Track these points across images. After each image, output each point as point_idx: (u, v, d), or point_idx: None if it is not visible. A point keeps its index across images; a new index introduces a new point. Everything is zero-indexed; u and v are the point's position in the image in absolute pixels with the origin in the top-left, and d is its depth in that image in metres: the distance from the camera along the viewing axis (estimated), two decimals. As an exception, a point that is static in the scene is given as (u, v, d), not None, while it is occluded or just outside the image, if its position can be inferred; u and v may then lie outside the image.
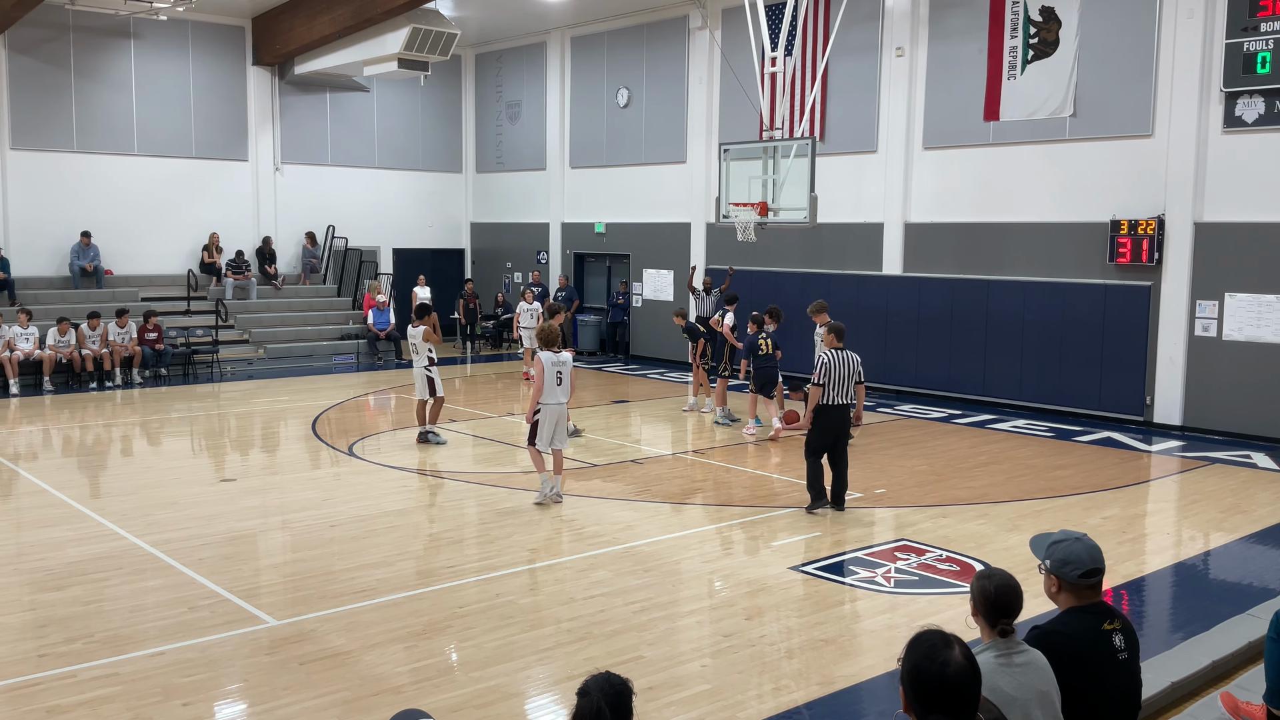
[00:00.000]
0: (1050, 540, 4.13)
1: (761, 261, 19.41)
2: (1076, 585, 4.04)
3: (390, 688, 6.11)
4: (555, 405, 10.24)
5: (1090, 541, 4.09)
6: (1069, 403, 15.66)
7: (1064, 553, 4.05)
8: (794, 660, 6.65)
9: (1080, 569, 4.02)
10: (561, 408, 10.31)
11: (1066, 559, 4.03)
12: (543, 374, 10.13)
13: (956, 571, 8.35)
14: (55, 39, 20.26)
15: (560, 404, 10.29)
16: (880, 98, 17.76)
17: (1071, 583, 4.03)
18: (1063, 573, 4.03)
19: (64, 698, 5.94)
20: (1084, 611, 4.04)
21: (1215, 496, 11.07)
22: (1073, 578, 4.02)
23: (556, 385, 10.18)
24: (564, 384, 10.24)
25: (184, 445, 13.69)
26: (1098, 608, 4.06)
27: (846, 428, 10.21)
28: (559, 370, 10.21)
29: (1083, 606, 4.05)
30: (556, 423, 10.29)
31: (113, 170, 21.10)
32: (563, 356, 10.33)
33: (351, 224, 24.10)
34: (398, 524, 9.74)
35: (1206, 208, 14.27)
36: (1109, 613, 4.07)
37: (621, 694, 3.08)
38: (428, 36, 19.51)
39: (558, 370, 10.20)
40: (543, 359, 10.17)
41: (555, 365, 10.18)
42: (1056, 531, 4.22)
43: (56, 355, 17.89)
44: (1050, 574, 4.06)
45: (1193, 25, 14.15)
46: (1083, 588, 4.04)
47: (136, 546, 8.87)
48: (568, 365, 10.32)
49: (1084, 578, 4.03)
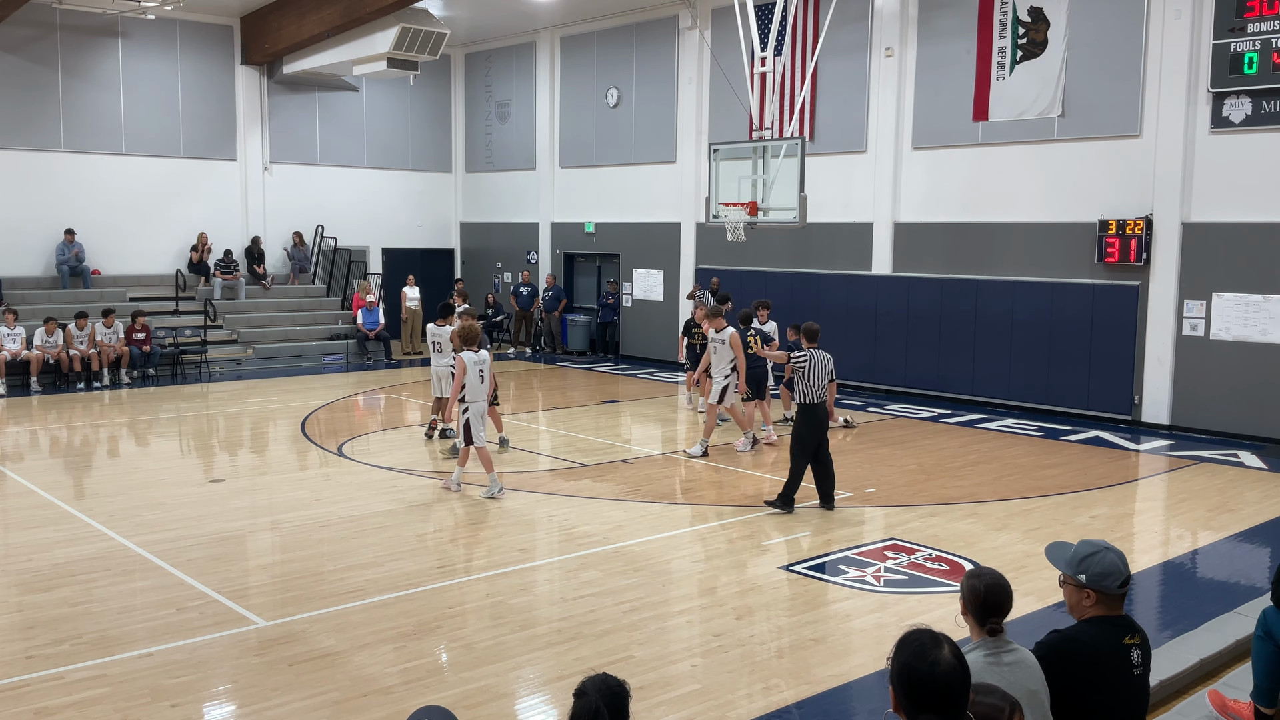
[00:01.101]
0: (1080, 554, 3.98)
1: (751, 262, 19.42)
2: (1112, 596, 3.94)
3: (380, 688, 6.10)
4: (481, 402, 10.69)
5: (1117, 549, 4.01)
6: (1057, 402, 15.71)
7: (1102, 565, 3.93)
8: (784, 659, 6.66)
9: (1119, 579, 3.93)
10: (484, 404, 10.77)
11: (1106, 571, 3.92)
12: (464, 373, 10.52)
13: (946, 571, 8.37)
14: (42, 38, 20.16)
15: (484, 401, 10.76)
16: (869, 98, 17.79)
17: (1110, 594, 3.93)
18: (1103, 585, 3.91)
19: (52, 699, 5.91)
20: (1107, 623, 3.94)
21: (1203, 495, 11.12)
22: (1113, 589, 3.93)
23: (480, 383, 10.64)
24: (485, 382, 10.72)
25: (172, 446, 13.64)
26: (1121, 620, 3.98)
27: (827, 426, 10.41)
28: (481, 369, 10.65)
29: (1107, 617, 3.95)
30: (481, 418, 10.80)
31: (100, 170, 21.00)
32: (481, 355, 10.75)
33: (341, 224, 24.04)
34: (387, 524, 9.72)
35: (1194, 208, 14.34)
36: (1130, 627, 3.99)
37: (619, 695, 3.08)
38: (417, 36, 19.48)
39: (480, 369, 10.64)
40: (464, 359, 10.57)
41: (477, 364, 10.62)
42: (1076, 543, 4.07)
43: (44, 356, 17.81)
44: (1087, 588, 3.93)
45: (1180, 26, 14.21)
46: (1116, 598, 3.96)
47: (125, 547, 8.84)
48: (488, 364, 10.79)
49: (1121, 587, 3.95)
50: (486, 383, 10.77)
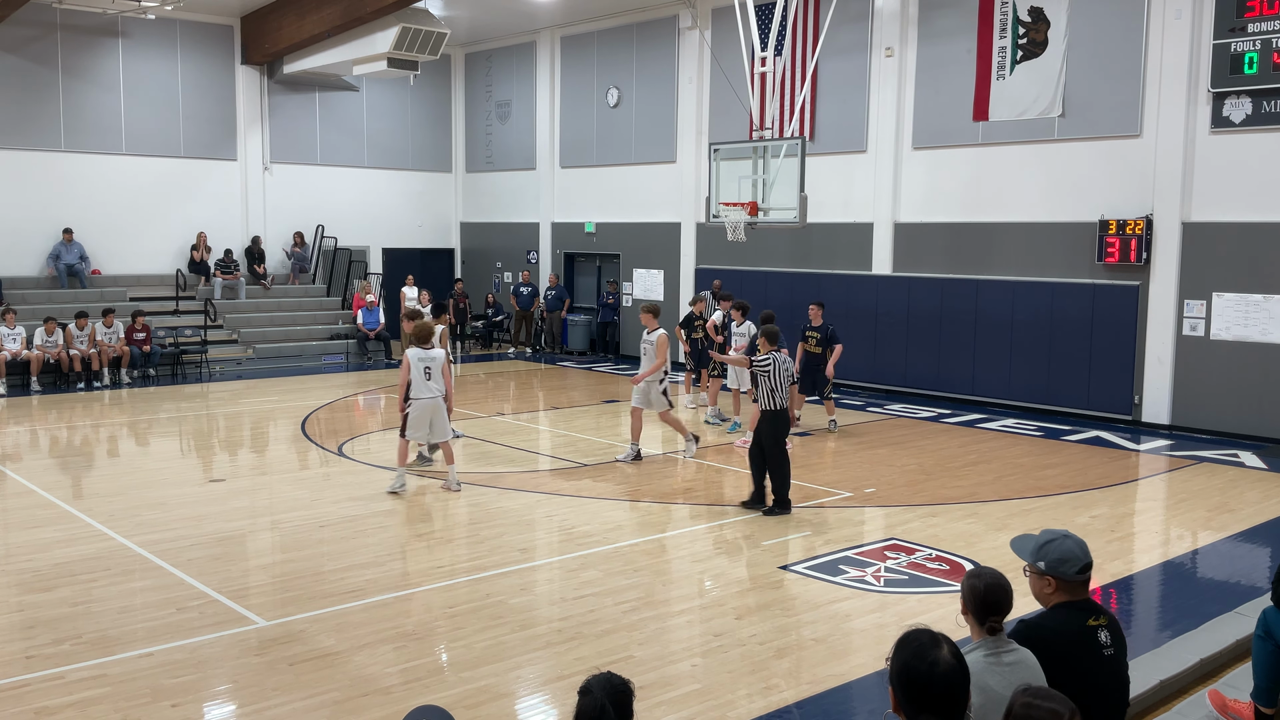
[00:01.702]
0: (1038, 542, 4.12)
1: (751, 262, 19.42)
2: (1073, 582, 4.05)
3: (380, 688, 6.10)
4: (428, 400, 10.61)
5: (1077, 537, 4.12)
6: (1058, 402, 15.71)
7: (1058, 551, 4.05)
8: (784, 659, 6.66)
9: (1076, 565, 4.04)
10: (435, 401, 10.63)
11: (1063, 557, 4.04)
12: (408, 369, 10.54)
13: (946, 570, 8.37)
14: (43, 37, 20.16)
15: (433, 398, 10.62)
16: (870, 98, 17.79)
17: (1069, 580, 4.04)
18: (1061, 571, 4.03)
19: (52, 699, 5.91)
20: (1071, 607, 4.05)
21: (1203, 495, 11.12)
22: (1071, 575, 4.03)
23: (426, 380, 10.56)
24: (434, 379, 10.60)
25: (172, 446, 13.64)
26: (1085, 604, 4.08)
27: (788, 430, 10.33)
28: (427, 366, 10.57)
29: (1071, 603, 4.06)
30: (433, 417, 10.66)
31: (100, 170, 21.00)
32: (433, 353, 10.65)
33: (341, 224, 24.04)
34: (387, 524, 9.71)
35: (1194, 208, 14.33)
36: (1095, 609, 4.08)
37: (624, 693, 3.08)
38: (417, 36, 19.48)
39: (425, 366, 10.56)
40: (409, 355, 10.58)
41: (423, 361, 10.55)
42: (1038, 533, 4.21)
43: (44, 356, 17.81)
44: (1046, 575, 4.04)
45: (1180, 26, 14.21)
46: (1077, 584, 4.06)
47: (125, 547, 8.84)
48: (437, 361, 10.65)
49: (1080, 573, 4.04)
50: (437, 380, 10.62)
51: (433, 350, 10.71)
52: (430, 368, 10.60)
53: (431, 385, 10.61)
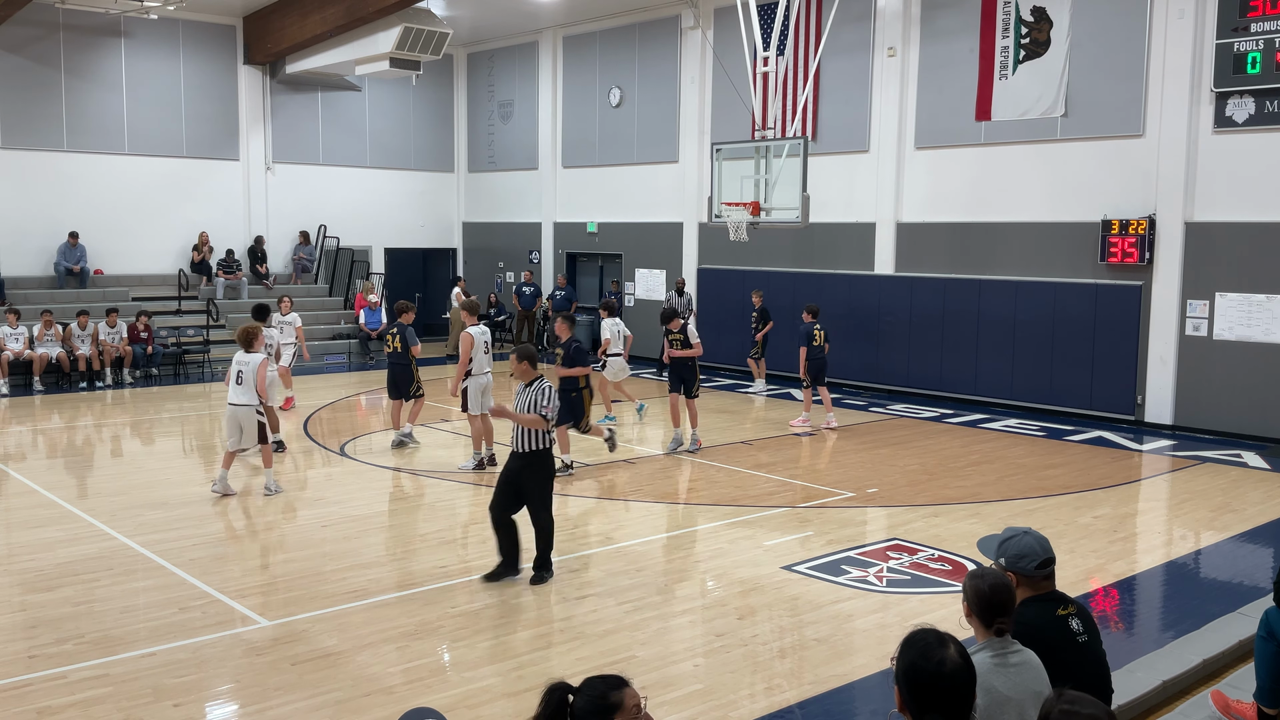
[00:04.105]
0: (999, 540, 4.23)
1: (753, 261, 19.41)
2: (1033, 577, 4.14)
3: (382, 688, 6.10)
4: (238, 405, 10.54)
5: (1038, 534, 4.23)
6: (1060, 402, 15.69)
7: (1017, 548, 4.15)
8: (786, 659, 6.65)
9: (1035, 560, 4.13)
10: (236, 409, 10.51)
11: (1021, 553, 4.14)
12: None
13: (948, 571, 8.36)
14: (45, 37, 20.17)
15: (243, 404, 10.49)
16: (872, 97, 17.77)
17: (1028, 575, 4.13)
18: (1019, 567, 4.13)
19: (54, 699, 5.91)
20: (1038, 601, 4.13)
21: (1206, 495, 11.10)
22: (1029, 570, 4.12)
23: (237, 384, 10.51)
24: (244, 384, 10.50)
25: (175, 445, 13.64)
26: (1052, 595, 4.17)
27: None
28: (240, 370, 10.50)
29: (1038, 597, 4.14)
30: (237, 423, 10.58)
31: (103, 169, 21.01)
32: (250, 357, 10.53)
33: (343, 224, 24.04)
34: (389, 524, 9.71)
35: (1197, 207, 14.32)
36: (1062, 599, 4.18)
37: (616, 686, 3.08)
38: (419, 36, 19.48)
39: (239, 370, 10.51)
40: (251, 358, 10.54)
41: (238, 364, 10.53)
42: (1000, 532, 4.32)
43: (47, 356, 17.81)
44: (1007, 571, 4.11)
45: (1183, 25, 14.19)
46: (1039, 579, 4.15)
47: (127, 547, 8.84)
48: (249, 365, 10.49)
49: (1039, 569, 4.14)
50: (245, 385, 10.46)
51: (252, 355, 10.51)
52: (242, 372, 10.43)
53: (236, 391, 10.46)
